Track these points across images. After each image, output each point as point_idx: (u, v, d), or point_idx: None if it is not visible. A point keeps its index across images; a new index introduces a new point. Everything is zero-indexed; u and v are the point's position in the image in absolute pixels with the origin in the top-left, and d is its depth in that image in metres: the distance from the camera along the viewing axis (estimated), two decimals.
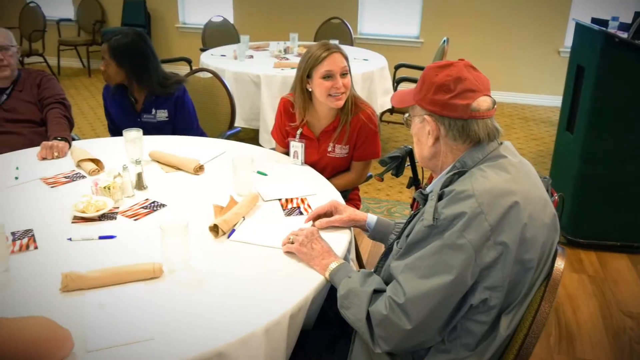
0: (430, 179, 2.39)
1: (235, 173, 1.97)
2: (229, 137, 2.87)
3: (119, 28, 2.70)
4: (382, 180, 2.13)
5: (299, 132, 2.29)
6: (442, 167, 1.39)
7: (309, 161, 2.31)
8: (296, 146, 2.27)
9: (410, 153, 2.17)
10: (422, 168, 2.38)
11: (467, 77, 1.29)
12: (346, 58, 2.17)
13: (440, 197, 1.26)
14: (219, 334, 1.26)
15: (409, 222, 1.42)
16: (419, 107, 1.37)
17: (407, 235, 1.33)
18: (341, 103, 2.18)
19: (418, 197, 1.39)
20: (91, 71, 7.52)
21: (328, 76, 2.12)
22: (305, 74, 2.16)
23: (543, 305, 1.26)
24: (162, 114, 2.71)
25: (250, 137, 4.62)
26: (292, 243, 1.59)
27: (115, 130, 2.85)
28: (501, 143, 1.36)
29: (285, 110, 2.35)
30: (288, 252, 1.60)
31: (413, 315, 1.22)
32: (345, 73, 2.15)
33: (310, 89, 2.19)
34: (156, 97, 2.70)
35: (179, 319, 1.31)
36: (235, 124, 3.19)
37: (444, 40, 4.64)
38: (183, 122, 2.74)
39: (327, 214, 1.78)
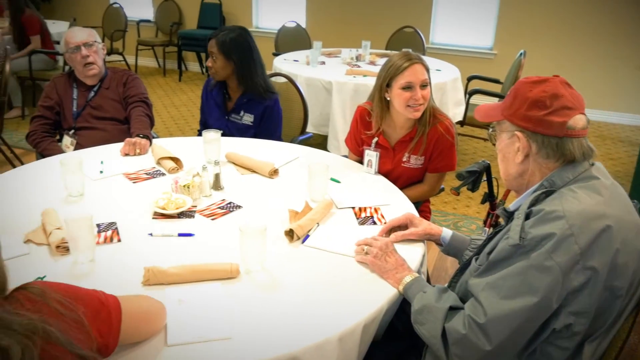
0: (506, 195, 2.34)
1: (311, 179, 1.99)
2: (300, 143, 2.90)
3: (224, 27, 2.81)
4: (458, 194, 2.10)
5: (374, 140, 2.28)
6: (528, 185, 1.35)
7: (383, 171, 2.29)
8: (371, 155, 2.26)
9: (487, 168, 2.13)
10: (497, 184, 2.33)
11: (564, 94, 1.25)
12: (427, 69, 2.15)
13: (527, 216, 1.23)
14: (294, 338, 1.27)
15: (490, 238, 1.39)
16: (508, 122, 1.33)
17: (489, 253, 1.30)
18: (419, 114, 2.15)
19: (502, 214, 1.35)
20: (166, 71, 7.79)
21: (407, 87, 2.10)
22: (384, 83, 2.16)
23: (632, 337, 1.21)
24: (248, 118, 2.78)
25: (318, 142, 4.64)
26: (366, 253, 1.59)
27: (205, 126, 2.94)
28: (593, 164, 1.31)
29: (362, 118, 2.34)
30: (361, 262, 1.60)
31: (493, 336, 1.19)
32: (425, 85, 2.12)
33: (388, 98, 2.18)
34: (248, 100, 2.76)
35: (255, 319, 1.34)
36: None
37: (521, 53, 4.52)
38: (266, 130, 2.79)
39: (402, 226, 1.77)
